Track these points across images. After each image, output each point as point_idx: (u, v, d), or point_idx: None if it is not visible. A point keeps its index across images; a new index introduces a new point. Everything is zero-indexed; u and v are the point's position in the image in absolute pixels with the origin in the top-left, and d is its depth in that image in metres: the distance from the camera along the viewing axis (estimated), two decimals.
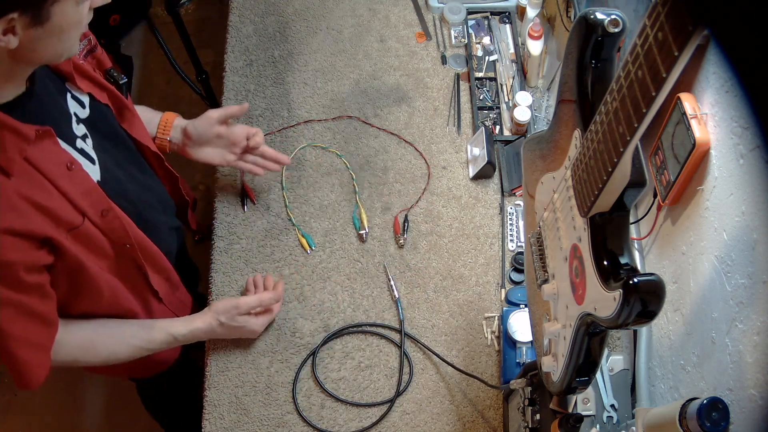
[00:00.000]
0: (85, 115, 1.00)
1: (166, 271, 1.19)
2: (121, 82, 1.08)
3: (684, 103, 0.88)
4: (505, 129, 1.42)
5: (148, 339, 1.12)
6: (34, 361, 0.95)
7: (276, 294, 1.22)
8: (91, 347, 1.07)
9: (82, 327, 1.06)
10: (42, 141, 0.87)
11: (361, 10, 1.57)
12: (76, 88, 0.99)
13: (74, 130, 0.96)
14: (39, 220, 0.87)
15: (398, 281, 1.28)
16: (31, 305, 0.92)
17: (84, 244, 0.96)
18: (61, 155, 0.91)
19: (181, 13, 2.00)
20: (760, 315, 0.76)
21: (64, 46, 0.85)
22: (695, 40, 0.45)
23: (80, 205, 0.93)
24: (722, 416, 0.73)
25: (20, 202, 0.85)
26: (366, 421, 1.19)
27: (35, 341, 0.95)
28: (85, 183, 0.94)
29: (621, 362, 1.10)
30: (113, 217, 0.98)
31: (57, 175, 0.89)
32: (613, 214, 0.69)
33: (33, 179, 0.87)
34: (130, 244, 1.03)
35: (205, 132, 1.24)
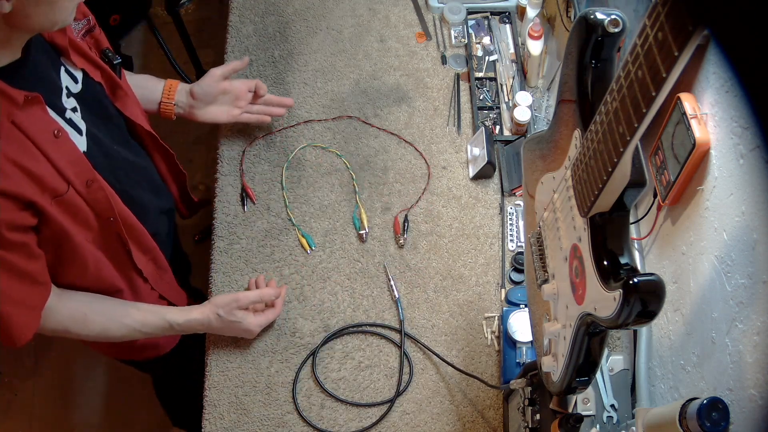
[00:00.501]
0: (77, 90, 1.01)
1: (151, 251, 1.19)
2: (115, 62, 1.09)
3: (684, 103, 0.88)
4: (505, 129, 1.42)
5: (143, 321, 1.12)
6: (20, 318, 0.96)
7: (277, 291, 1.22)
8: (84, 319, 1.07)
9: (76, 298, 1.06)
10: (31, 107, 0.88)
11: (361, 10, 1.57)
12: (71, 63, 1.00)
13: (64, 102, 0.97)
14: (24, 183, 0.88)
15: (398, 281, 1.28)
16: (15, 262, 0.92)
17: (68, 212, 0.97)
18: (48, 123, 0.92)
19: (181, 13, 2.00)
20: (760, 315, 0.76)
21: (57, 15, 0.86)
22: (695, 40, 0.45)
23: (66, 174, 0.93)
24: (722, 416, 0.73)
25: (6, 163, 0.86)
26: (366, 421, 1.19)
27: (20, 298, 0.95)
28: (72, 152, 0.95)
29: (621, 362, 1.10)
30: (98, 188, 0.99)
31: (44, 141, 0.90)
32: (613, 214, 0.69)
33: (20, 143, 0.88)
34: (114, 218, 1.04)
35: (210, 90, 1.29)
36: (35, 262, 0.96)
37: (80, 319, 1.07)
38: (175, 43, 2.14)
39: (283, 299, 1.24)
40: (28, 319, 0.97)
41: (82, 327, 1.07)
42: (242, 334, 1.21)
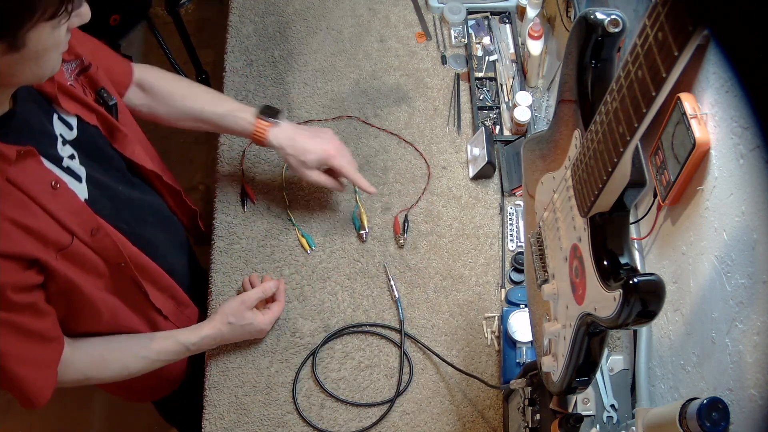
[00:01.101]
0: (72, 137, 0.98)
1: (170, 289, 1.18)
2: (110, 103, 1.06)
3: (684, 103, 0.88)
4: (505, 129, 1.42)
5: (158, 350, 1.11)
6: (36, 378, 0.94)
7: (276, 283, 1.22)
8: (102, 363, 1.06)
9: (90, 344, 1.05)
10: (24, 161, 0.85)
11: (361, 10, 1.57)
12: (63, 110, 0.97)
13: (60, 151, 0.94)
14: (25, 241, 0.86)
15: (398, 281, 1.28)
16: (24, 324, 0.90)
17: (76, 263, 0.94)
18: (45, 175, 0.89)
19: (181, 13, 2.00)
20: (760, 315, 0.76)
21: (43, 69, 0.83)
22: (695, 40, 0.45)
23: (68, 225, 0.91)
24: (722, 416, 0.73)
25: (4, 223, 0.83)
26: (366, 421, 1.19)
27: (35, 358, 0.93)
28: (72, 202, 0.92)
29: (621, 362, 1.10)
30: (104, 235, 0.96)
31: (41, 195, 0.87)
32: (613, 214, 0.69)
33: (17, 200, 0.85)
34: (125, 263, 1.02)
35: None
36: (45, 319, 0.94)
37: (99, 363, 1.05)
38: (175, 43, 2.15)
39: (283, 291, 1.24)
40: (45, 377, 0.95)
41: (102, 371, 1.06)
42: (254, 335, 1.21)
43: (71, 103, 0.98)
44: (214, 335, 1.16)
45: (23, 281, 0.88)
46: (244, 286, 1.26)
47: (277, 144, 1.22)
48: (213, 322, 1.16)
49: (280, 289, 1.24)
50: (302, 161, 1.21)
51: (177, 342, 1.13)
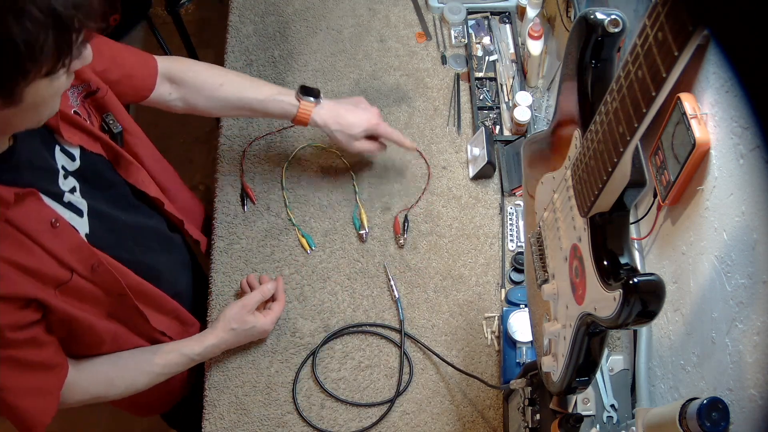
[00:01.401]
0: (75, 168, 0.97)
1: (174, 312, 1.18)
2: (116, 131, 1.05)
3: (684, 103, 0.88)
4: (505, 129, 1.42)
5: (163, 364, 1.11)
6: (37, 408, 0.94)
7: (274, 283, 1.22)
8: (108, 382, 1.06)
9: (95, 364, 1.04)
10: (23, 201, 0.84)
11: (361, 10, 1.57)
12: (65, 140, 0.95)
13: (61, 185, 0.93)
14: (23, 281, 0.85)
15: (398, 281, 1.28)
16: (24, 357, 0.90)
17: (75, 296, 0.94)
18: (45, 213, 0.88)
19: (181, 13, 2.00)
20: (760, 315, 0.76)
21: (42, 115, 0.81)
22: (695, 40, 0.45)
23: (67, 262, 0.90)
24: (722, 416, 0.73)
25: (1, 265, 0.83)
26: (366, 421, 1.19)
27: (35, 388, 0.94)
28: (72, 239, 0.91)
29: (621, 362, 1.10)
30: (104, 270, 0.96)
31: (40, 233, 0.86)
32: (613, 214, 0.69)
33: (14, 240, 0.84)
34: (124, 294, 1.01)
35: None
36: (46, 349, 0.94)
37: (105, 382, 1.05)
38: (175, 43, 2.15)
39: (282, 289, 1.24)
40: (45, 404, 0.95)
41: (109, 389, 1.06)
42: (258, 336, 1.21)
43: (74, 133, 0.97)
44: (218, 343, 1.16)
45: (21, 320, 0.87)
46: (242, 288, 1.25)
47: (322, 123, 1.24)
48: (216, 331, 1.16)
49: (279, 287, 1.24)
50: (350, 135, 1.25)
51: (181, 354, 1.13)
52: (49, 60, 0.72)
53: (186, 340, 1.16)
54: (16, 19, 0.67)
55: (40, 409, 0.95)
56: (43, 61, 0.72)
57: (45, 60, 0.72)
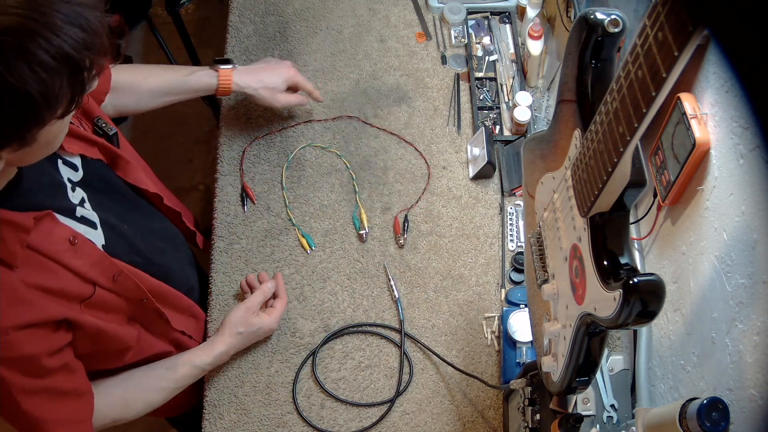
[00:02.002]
0: (79, 178, 0.97)
1: (189, 309, 1.19)
2: (111, 133, 1.05)
3: (684, 103, 0.88)
4: (505, 129, 1.42)
5: (176, 378, 1.11)
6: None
7: (274, 282, 1.23)
8: (125, 404, 1.06)
9: (109, 387, 1.04)
10: (41, 224, 0.85)
11: (361, 10, 1.57)
12: (66, 152, 0.95)
13: (71, 198, 0.93)
14: (51, 304, 0.85)
15: (398, 281, 1.28)
16: (59, 386, 0.91)
17: (99, 308, 0.94)
18: (62, 232, 0.88)
19: (181, 13, 2.00)
20: (760, 315, 0.76)
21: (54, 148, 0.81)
22: (695, 40, 0.45)
23: (89, 276, 0.91)
24: (722, 416, 0.73)
25: (29, 292, 0.83)
26: (366, 421, 1.19)
27: (71, 417, 0.94)
28: (92, 254, 0.91)
29: (621, 362, 1.10)
30: (125, 278, 0.96)
31: (61, 253, 0.87)
32: (613, 214, 0.69)
33: (38, 264, 0.84)
34: (146, 298, 1.02)
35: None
36: (76, 376, 0.94)
37: (122, 405, 1.05)
38: (175, 43, 2.15)
39: (283, 286, 1.25)
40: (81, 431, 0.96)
41: (126, 411, 1.06)
42: (265, 335, 1.21)
43: (73, 142, 0.97)
44: (227, 350, 1.16)
45: (54, 344, 0.88)
46: (242, 288, 1.26)
47: (245, 84, 1.29)
48: (223, 337, 1.16)
49: (280, 284, 1.24)
50: (272, 89, 1.31)
51: (193, 366, 1.13)
52: (64, 104, 0.72)
53: (195, 351, 1.16)
54: (29, 68, 0.66)
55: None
56: (58, 106, 0.71)
57: (61, 105, 0.71)
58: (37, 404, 0.88)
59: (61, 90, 0.69)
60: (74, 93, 0.72)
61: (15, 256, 0.81)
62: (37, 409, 0.89)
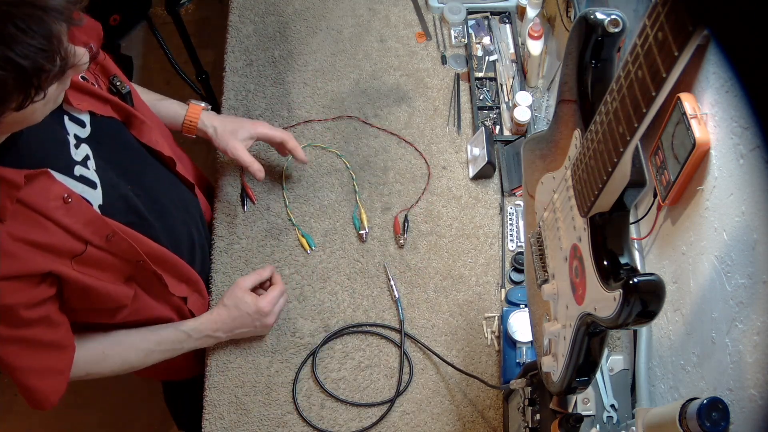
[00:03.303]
0: (86, 134, 0.96)
1: (194, 283, 1.19)
2: (124, 91, 1.05)
3: (684, 103, 0.88)
4: (505, 129, 1.42)
5: (157, 340, 1.11)
6: (47, 386, 0.95)
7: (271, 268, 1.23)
8: (102, 358, 1.06)
9: (91, 341, 1.05)
10: (35, 181, 0.84)
11: (361, 10, 1.57)
12: (74, 108, 0.95)
13: (73, 155, 0.92)
14: (37, 258, 0.85)
15: (398, 281, 1.28)
16: (36, 337, 0.91)
17: (91, 266, 0.94)
18: (56, 190, 0.88)
19: (181, 13, 2.00)
20: (760, 315, 0.76)
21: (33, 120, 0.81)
22: (695, 40, 0.45)
23: (81, 235, 0.90)
24: (722, 416, 0.73)
25: (15, 245, 0.83)
26: (366, 421, 1.19)
27: (46, 368, 0.94)
28: (85, 213, 0.91)
29: (621, 362, 1.10)
30: (119, 239, 0.96)
31: (53, 210, 0.86)
32: (613, 214, 0.69)
33: (28, 218, 0.84)
34: (142, 260, 1.01)
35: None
36: (58, 329, 0.95)
37: (98, 359, 1.05)
38: (175, 43, 2.14)
39: (279, 276, 1.25)
40: (56, 383, 0.96)
41: (102, 366, 1.06)
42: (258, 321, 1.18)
43: (83, 99, 0.97)
44: (215, 318, 1.16)
45: (35, 297, 0.88)
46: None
47: (209, 124, 1.25)
48: (215, 309, 1.18)
49: (276, 274, 1.24)
50: (233, 134, 1.25)
51: (176, 330, 1.13)
52: (16, 100, 0.71)
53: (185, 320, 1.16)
54: None
55: (51, 388, 0.96)
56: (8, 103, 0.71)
57: (11, 102, 0.71)
58: (11, 352, 0.89)
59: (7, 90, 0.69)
60: (26, 91, 0.72)
61: (4, 209, 0.81)
62: (11, 356, 0.90)
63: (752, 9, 0.36)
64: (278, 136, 1.29)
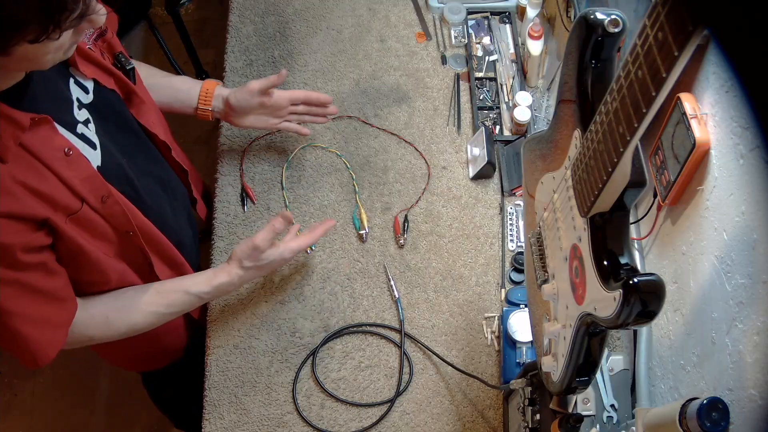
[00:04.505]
0: (89, 101, 0.98)
1: (178, 266, 1.17)
2: (128, 67, 1.07)
3: (684, 103, 0.88)
4: (505, 129, 1.42)
5: (167, 304, 1.08)
6: (43, 338, 0.93)
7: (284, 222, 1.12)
8: (107, 323, 1.04)
9: (96, 304, 1.03)
10: (38, 127, 0.86)
11: (361, 10, 1.57)
12: (80, 73, 0.98)
13: (75, 115, 0.95)
14: (35, 203, 0.86)
15: (398, 281, 1.28)
16: (33, 283, 0.90)
17: (85, 228, 0.95)
18: (58, 141, 0.89)
19: (181, 13, 2.00)
20: (760, 315, 0.76)
21: (41, 65, 0.83)
22: (695, 40, 0.45)
23: (79, 191, 0.91)
24: (722, 416, 0.73)
25: (15, 186, 0.84)
26: (366, 421, 1.19)
27: (42, 317, 0.93)
28: (84, 169, 0.92)
29: (621, 362, 1.10)
30: (113, 202, 0.97)
31: (54, 160, 0.88)
32: (613, 214, 0.69)
33: (29, 165, 0.86)
34: (132, 231, 1.01)
35: (247, 104, 1.25)
36: (56, 278, 0.94)
37: (103, 323, 1.03)
38: (175, 43, 2.15)
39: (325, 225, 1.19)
40: (53, 337, 0.95)
41: (106, 330, 1.04)
42: (277, 267, 1.17)
43: (89, 66, 0.99)
44: (231, 281, 1.11)
45: (33, 242, 0.88)
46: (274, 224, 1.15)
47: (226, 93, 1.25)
48: (228, 267, 1.12)
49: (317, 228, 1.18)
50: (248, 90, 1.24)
51: (188, 293, 1.09)
52: (32, 31, 0.74)
53: (194, 278, 1.12)
54: None
55: (47, 340, 0.94)
56: (24, 32, 0.73)
57: (27, 32, 0.73)
58: (8, 295, 0.88)
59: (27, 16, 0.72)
60: (45, 25, 0.74)
61: (7, 149, 0.83)
62: (7, 299, 0.88)
63: (752, 9, 0.36)
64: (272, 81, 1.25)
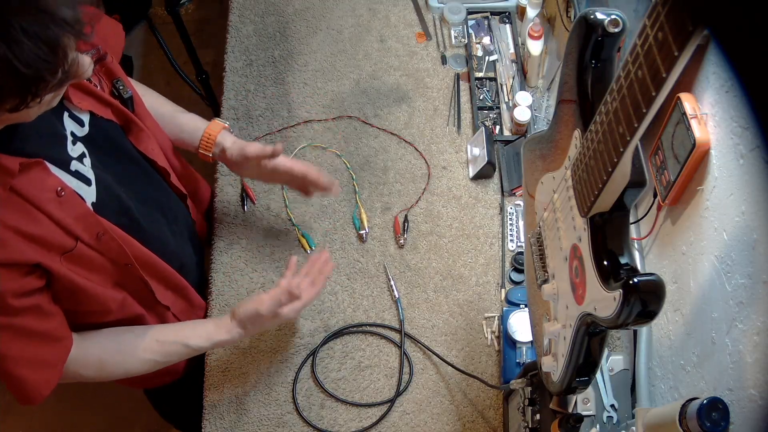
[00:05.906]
0: (84, 134, 0.97)
1: (182, 290, 1.17)
2: (126, 96, 1.05)
3: (684, 103, 0.88)
4: (505, 129, 1.42)
5: (164, 353, 1.08)
6: (36, 378, 0.94)
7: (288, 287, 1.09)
8: (101, 365, 1.04)
9: (93, 343, 1.02)
10: (29, 170, 0.84)
11: (361, 10, 1.57)
12: (74, 106, 0.96)
13: (69, 152, 0.92)
14: (26, 248, 0.85)
15: (398, 281, 1.28)
16: (27, 326, 0.90)
17: (80, 264, 0.94)
18: (50, 182, 0.88)
19: (181, 13, 2.00)
20: (760, 315, 0.76)
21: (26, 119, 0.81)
22: (695, 40, 0.45)
23: (73, 230, 0.90)
24: (722, 416, 0.73)
25: (5, 232, 0.83)
26: (366, 421, 1.19)
27: (36, 359, 0.93)
28: (77, 208, 0.91)
29: (621, 362, 1.10)
30: (109, 239, 0.95)
31: (46, 202, 0.86)
32: (613, 214, 0.69)
33: (20, 208, 0.84)
34: (130, 263, 1.01)
35: (243, 162, 1.21)
36: (50, 319, 0.93)
37: (97, 365, 1.03)
38: (175, 43, 2.14)
39: (325, 274, 1.16)
40: (47, 376, 0.94)
41: (100, 372, 1.04)
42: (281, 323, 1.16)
43: (84, 99, 0.97)
44: (231, 339, 1.10)
45: (24, 286, 0.87)
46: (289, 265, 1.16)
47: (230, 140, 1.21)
48: (230, 326, 1.10)
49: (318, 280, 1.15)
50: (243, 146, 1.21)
51: (185, 346, 1.09)
52: (10, 102, 0.72)
53: (192, 329, 1.11)
54: None
55: (42, 380, 0.94)
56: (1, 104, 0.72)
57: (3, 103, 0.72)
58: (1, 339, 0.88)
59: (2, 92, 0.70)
60: (23, 96, 0.72)
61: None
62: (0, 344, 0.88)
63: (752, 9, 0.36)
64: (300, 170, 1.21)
